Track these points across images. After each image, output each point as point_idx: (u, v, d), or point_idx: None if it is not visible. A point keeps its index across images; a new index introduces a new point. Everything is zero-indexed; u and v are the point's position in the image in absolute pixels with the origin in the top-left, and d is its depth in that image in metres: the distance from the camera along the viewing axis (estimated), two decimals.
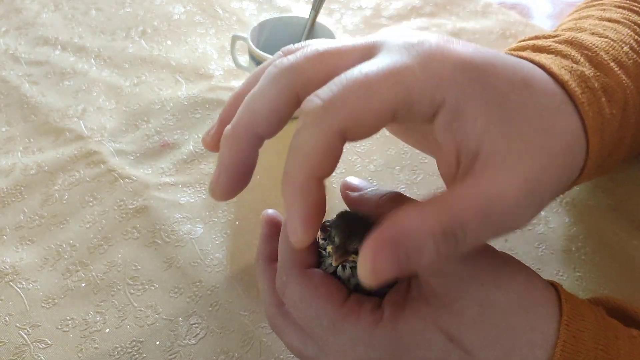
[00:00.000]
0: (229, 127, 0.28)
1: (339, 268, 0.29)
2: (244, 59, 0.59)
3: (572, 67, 0.29)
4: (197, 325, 0.39)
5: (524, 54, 0.30)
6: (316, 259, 0.30)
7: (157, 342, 0.38)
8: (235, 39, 0.58)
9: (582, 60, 0.31)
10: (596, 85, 0.29)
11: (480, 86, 0.24)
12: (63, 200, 0.48)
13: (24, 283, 0.41)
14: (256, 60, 0.53)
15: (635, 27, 0.37)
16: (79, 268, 0.42)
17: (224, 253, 0.43)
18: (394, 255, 0.22)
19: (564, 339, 0.25)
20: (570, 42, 0.32)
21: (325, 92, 0.24)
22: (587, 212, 0.46)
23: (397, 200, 0.29)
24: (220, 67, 0.64)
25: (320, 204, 0.25)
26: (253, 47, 0.53)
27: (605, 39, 0.34)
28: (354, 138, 0.24)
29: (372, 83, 0.24)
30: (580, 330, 0.26)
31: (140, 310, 0.40)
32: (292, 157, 0.25)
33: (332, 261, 0.28)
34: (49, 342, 0.38)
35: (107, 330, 0.38)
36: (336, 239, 0.28)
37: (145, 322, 0.39)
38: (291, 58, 0.27)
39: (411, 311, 0.27)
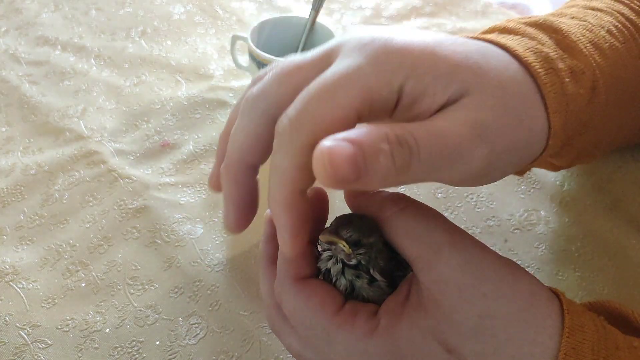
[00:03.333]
0: (223, 165, 0.30)
1: (336, 276, 0.29)
2: (244, 59, 0.59)
3: (536, 48, 0.30)
4: (197, 325, 0.39)
5: (489, 36, 0.30)
6: (313, 269, 0.30)
7: (157, 342, 0.38)
8: (235, 39, 0.58)
9: (548, 42, 0.31)
10: (560, 66, 0.30)
11: (431, 64, 0.26)
12: (63, 200, 0.48)
13: (24, 283, 0.41)
14: (256, 60, 0.53)
15: (618, 15, 0.37)
16: (79, 268, 0.42)
17: (224, 253, 0.43)
18: (351, 154, 0.22)
19: (565, 351, 0.25)
20: (539, 25, 0.33)
21: (290, 110, 0.25)
22: (586, 212, 0.46)
23: (399, 201, 0.29)
24: (220, 67, 0.64)
25: (305, 214, 0.26)
26: (253, 47, 0.53)
27: (583, 22, 0.35)
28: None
29: (330, 92, 0.25)
30: (581, 341, 0.25)
31: (140, 310, 0.40)
32: (273, 176, 0.26)
33: (321, 241, 0.28)
34: (49, 342, 0.38)
35: (107, 330, 0.39)
36: (331, 226, 0.28)
37: (145, 322, 0.39)
38: (259, 86, 0.29)
39: (408, 320, 0.27)
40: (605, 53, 0.34)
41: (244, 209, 0.31)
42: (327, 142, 0.22)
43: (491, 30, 0.33)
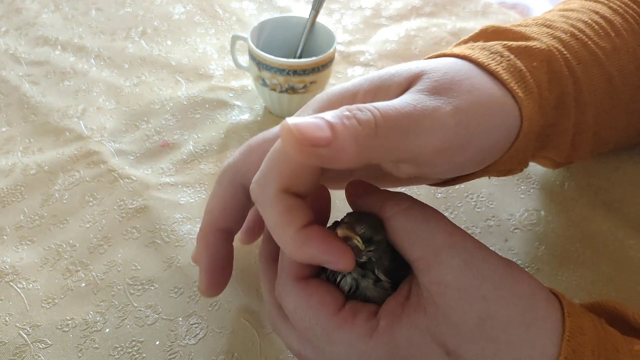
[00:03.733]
0: (198, 231, 0.34)
1: (342, 275, 0.29)
2: (244, 59, 0.59)
3: (495, 51, 0.32)
4: (197, 325, 0.39)
5: (447, 51, 0.33)
6: (314, 269, 0.30)
7: (157, 342, 0.38)
8: (235, 39, 0.58)
9: (502, 49, 0.33)
10: (507, 52, 0.32)
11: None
12: (63, 200, 0.48)
13: (24, 283, 0.41)
14: (256, 60, 0.53)
15: (590, 12, 0.40)
16: (79, 268, 0.42)
17: None
18: (316, 121, 0.24)
19: (565, 355, 0.25)
20: (495, 31, 0.35)
21: (256, 175, 0.28)
22: (586, 212, 0.46)
23: (400, 201, 0.29)
24: (220, 67, 0.64)
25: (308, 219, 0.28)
26: (253, 47, 0.53)
27: (542, 19, 0.38)
28: (295, 188, 0.27)
29: (285, 153, 0.28)
30: (581, 344, 0.25)
31: (140, 310, 0.40)
32: (271, 232, 0.27)
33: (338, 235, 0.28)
34: (49, 342, 0.38)
35: (107, 330, 0.39)
36: (345, 219, 0.29)
37: (145, 322, 0.39)
38: (230, 158, 0.33)
39: (408, 321, 0.27)
40: (563, 39, 0.36)
41: (216, 273, 0.33)
42: (291, 120, 0.24)
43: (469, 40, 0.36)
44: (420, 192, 0.48)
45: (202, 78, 0.62)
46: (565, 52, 0.34)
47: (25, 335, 0.38)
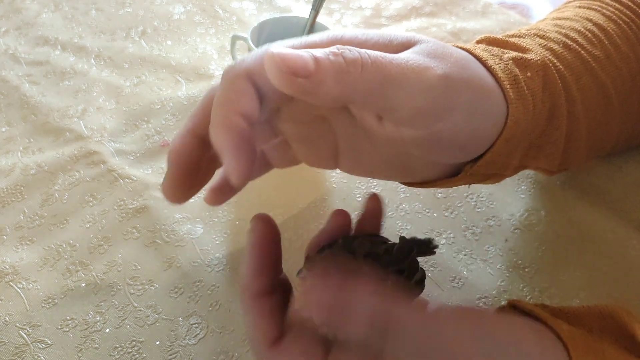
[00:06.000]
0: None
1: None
2: None
3: (495, 54, 0.32)
4: (197, 325, 0.39)
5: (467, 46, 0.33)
6: (281, 329, 0.28)
7: (157, 342, 0.38)
8: (235, 39, 0.58)
9: (501, 53, 0.33)
10: (507, 56, 0.32)
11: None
12: (63, 200, 0.48)
13: (24, 283, 0.41)
14: None
15: (583, 20, 0.40)
16: (79, 268, 0.42)
17: (224, 253, 0.43)
18: (299, 52, 0.24)
19: None
20: (492, 42, 0.35)
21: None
22: (586, 212, 0.46)
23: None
24: (220, 67, 0.64)
25: (247, 140, 0.26)
26: (253, 47, 0.53)
27: (535, 29, 0.38)
28: (256, 74, 0.26)
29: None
30: None
31: (140, 310, 0.40)
32: (213, 108, 0.27)
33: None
34: (49, 342, 0.38)
35: (107, 330, 0.38)
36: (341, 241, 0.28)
37: (145, 322, 0.39)
38: (242, 61, 0.29)
39: None
40: (555, 50, 0.36)
41: (184, 175, 0.30)
42: (276, 48, 0.24)
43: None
44: (420, 191, 0.48)
45: (202, 78, 0.62)
46: (557, 64, 0.35)
47: (25, 335, 0.38)
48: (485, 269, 0.42)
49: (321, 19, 0.57)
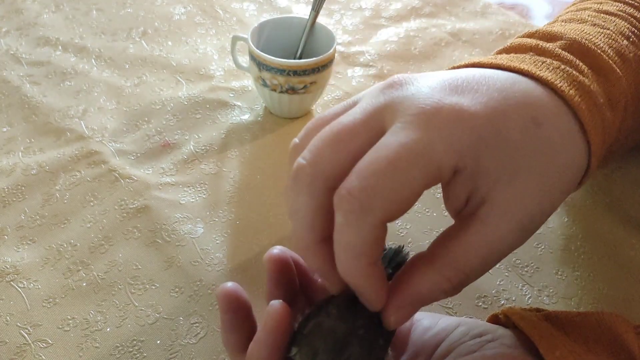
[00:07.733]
0: (296, 249, 0.28)
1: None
2: (245, 60, 0.59)
3: (578, 80, 0.29)
4: (197, 324, 0.39)
5: (526, 67, 0.29)
6: None
7: (158, 341, 0.38)
8: (235, 39, 0.58)
9: (586, 70, 0.30)
10: (601, 100, 0.29)
11: (494, 143, 0.25)
12: (64, 200, 0.48)
13: (25, 283, 0.42)
14: (256, 61, 0.53)
15: (632, 19, 0.37)
16: (80, 267, 0.43)
17: (224, 252, 0.44)
18: (412, 309, 0.26)
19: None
20: (573, 48, 0.32)
21: (354, 183, 0.23)
22: (585, 211, 0.46)
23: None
24: (221, 67, 0.64)
25: (383, 278, 0.26)
26: (253, 47, 0.53)
27: (605, 31, 0.34)
28: (393, 220, 0.25)
29: (400, 169, 0.23)
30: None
31: (141, 310, 0.40)
32: (342, 251, 0.24)
33: None
34: (50, 341, 0.38)
35: (108, 329, 0.39)
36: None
37: (146, 322, 0.39)
38: (312, 155, 0.25)
39: None
40: (631, 65, 0.34)
41: (333, 272, 0.27)
42: (394, 303, 0.26)
43: (523, 49, 0.32)
44: (420, 200, 0.48)
45: (202, 78, 0.63)
46: (628, 92, 0.33)
47: (26, 335, 0.38)
48: None
49: (321, 19, 0.57)
